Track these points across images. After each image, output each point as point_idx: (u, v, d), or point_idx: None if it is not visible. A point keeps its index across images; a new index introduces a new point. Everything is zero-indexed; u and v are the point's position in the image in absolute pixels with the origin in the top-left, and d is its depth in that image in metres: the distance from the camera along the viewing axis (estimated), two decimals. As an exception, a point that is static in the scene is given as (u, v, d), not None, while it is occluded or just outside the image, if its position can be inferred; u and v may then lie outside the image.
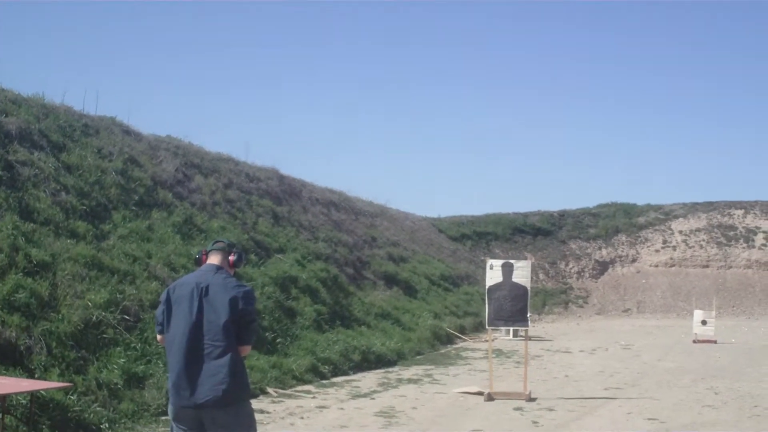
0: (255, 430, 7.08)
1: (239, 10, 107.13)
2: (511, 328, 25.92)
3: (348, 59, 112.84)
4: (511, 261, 18.29)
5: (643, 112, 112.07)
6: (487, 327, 18.56)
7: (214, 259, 7.26)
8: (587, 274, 50.41)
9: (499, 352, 26.51)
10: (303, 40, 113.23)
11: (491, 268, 17.86)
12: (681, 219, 53.98)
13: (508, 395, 17.30)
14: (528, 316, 17.95)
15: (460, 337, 30.49)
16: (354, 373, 20.76)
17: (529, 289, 17.75)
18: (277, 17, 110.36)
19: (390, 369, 22.00)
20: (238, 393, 6.85)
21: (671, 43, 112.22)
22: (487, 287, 17.89)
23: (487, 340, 29.37)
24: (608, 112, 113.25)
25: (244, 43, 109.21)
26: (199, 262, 7.37)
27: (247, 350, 7.05)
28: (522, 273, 17.67)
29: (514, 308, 17.56)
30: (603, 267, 50.99)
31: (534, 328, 36.89)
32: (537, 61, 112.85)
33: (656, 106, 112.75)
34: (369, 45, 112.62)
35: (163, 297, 7.25)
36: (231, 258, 7.30)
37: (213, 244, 7.39)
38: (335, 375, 20.14)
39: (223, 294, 6.89)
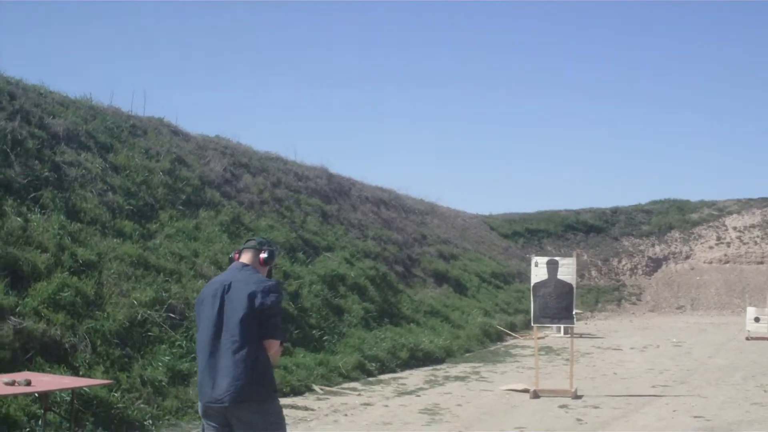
0: (283, 428, 6.97)
1: (287, 9, 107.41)
2: (562, 326, 25.70)
3: (398, 57, 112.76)
4: (557, 258, 18.19)
5: (697, 107, 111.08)
6: (532, 324, 18.47)
7: (245, 258, 7.23)
8: (640, 271, 50.04)
9: (548, 350, 26.41)
10: (350, 37, 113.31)
11: (536, 265, 17.74)
12: (735, 215, 53.39)
13: (554, 393, 17.20)
14: (574, 313, 17.83)
15: (510, 335, 30.40)
16: (401, 371, 20.73)
17: (574, 286, 17.63)
18: (326, 16, 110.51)
19: (438, 366, 21.96)
20: (257, 390, 6.75)
21: (727, 37, 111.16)
22: (532, 284, 17.78)
23: (539, 338, 29.40)
24: (662, 107, 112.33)
25: (292, 42, 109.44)
26: (232, 261, 7.38)
27: (274, 345, 6.88)
28: (567, 270, 17.55)
29: (560, 305, 17.44)
30: (656, 264, 50.59)
31: (586, 325, 36.79)
32: (587, 58, 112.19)
33: (711, 101, 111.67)
34: (420, 42, 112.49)
35: (197, 299, 7.30)
36: (261, 256, 7.26)
37: (245, 242, 7.38)
38: (382, 372, 20.14)
39: (243, 289, 6.83)
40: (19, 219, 15.70)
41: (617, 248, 51.88)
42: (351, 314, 22.93)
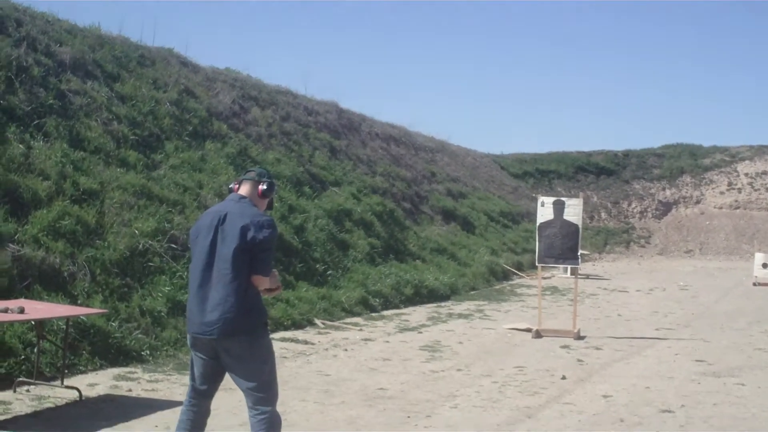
0: (271, 363, 6.91)
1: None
2: (568, 266, 25.59)
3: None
4: (563, 198, 18.06)
5: (712, 53, 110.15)
6: (537, 264, 18.38)
7: (243, 190, 7.09)
8: (650, 215, 49.86)
9: (554, 290, 26.36)
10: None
11: (542, 205, 17.62)
12: (747, 161, 52.95)
13: (556, 333, 17.14)
14: (579, 254, 17.72)
15: (516, 274, 30.35)
16: (405, 307, 20.73)
17: (580, 227, 17.51)
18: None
19: (442, 304, 21.94)
20: (247, 322, 6.67)
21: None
22: (538, 224, 17.68)
23: (545, 278, 29.33)
24: (677, 53, 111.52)
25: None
26: (231, 191, 7.24)
27: (262, 281, 6.76)
28: (573, 211, 17.41)
29: (565, 246, 17.33)
30: (666, 208, 50.38)
31: (594, 267, 36.75)
32: (605, 8, 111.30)
33: (724, 48, 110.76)
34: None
35: (192, 229, 7.20)
36: (260, 187, 7.12)
37: (245, 173, 7.23)
38: (386, 308, 20.13)
39: (237, 222, 6.71)
40: (21, 146, 15.56)
41: (628, 191, 51.65)
42: (356, 249, 22.87)
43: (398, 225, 27.56)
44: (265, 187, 7.10)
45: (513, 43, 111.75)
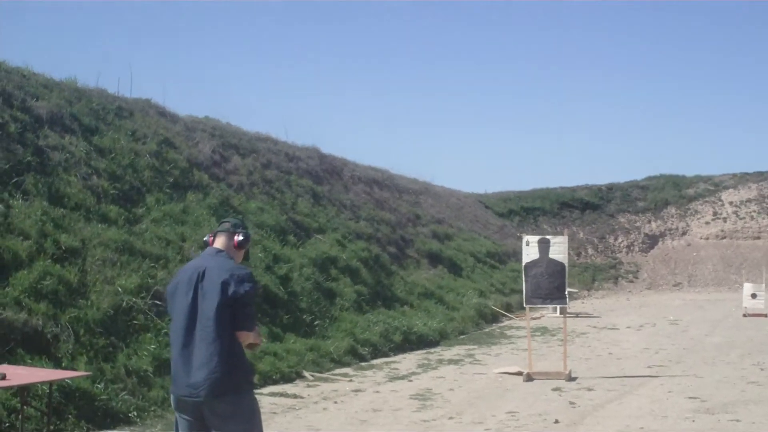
0: (258, 421, 6.75)
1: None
2: (557, 306, 25.47)
3: (387, 33, 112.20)
4: (548, 237, 17.90)
5: (691, 82, 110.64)
6: (524, 305, 18.22)
7: (219, 242, 6.96)
8: (637, 248, 49.78)
9: (544, 330, 26.17)
10: (336, 14, 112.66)
11: (527, 244, 17.48)
12: (731, 190, 52.99)
13: (547, 375, 16.96)
14: (566, 293, 17.57)
15: (506, 316, 30.13)
16: (394, 355, 20.49)
17: (566, 265, 17.38)
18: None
19: (432, 350, 21.69)
20: (234, 381, 6.52)
21: (718, 17, 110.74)
22: (523, 264, 17.53)
23: (534, 318, 29.15)
24: (657, 82, 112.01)
25: (281, 19, 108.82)
26: (206, 245, 7.09)
27: (246, 337, 6.65)
28: (559, 249, 17.28)
29: (552, 285, 17.18)
30: (653, 240, 50.31)
31: (583, 304, 36.59)
32: (583, 34, 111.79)
33: (704, 76, 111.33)
34: (406, 17, 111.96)
35: (169, 286, 7.04)
36: (236, 239, 6.98)
37: (219, 225, 7.08)
38: (375, 357, 19.88)
39: (216, 277, 6.58)
40: (0, 206, 15.37)
41: (613, 225, 51.59)
42: (343, 297, 22.64)
43: (384, 270, 27.35)
44: (240, 238, 7.00)
45: (492, 80, 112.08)
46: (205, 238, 7.18)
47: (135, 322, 14.91)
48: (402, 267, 29.65)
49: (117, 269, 15.97)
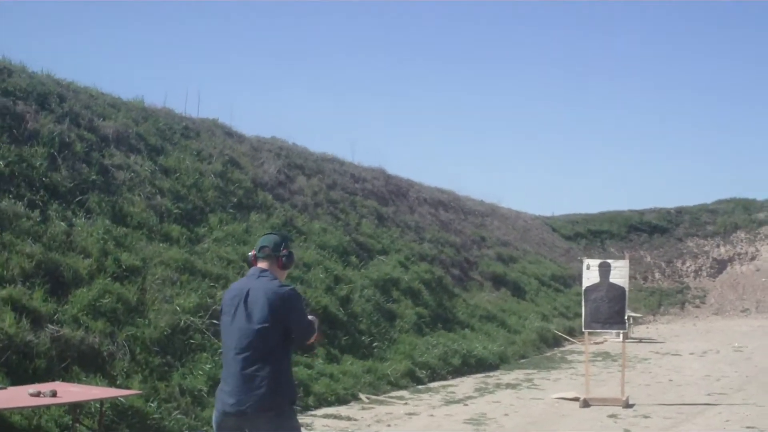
0: None
1: (341, 11, 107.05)
2: (617, 331, 25.28)
3: (456, 59, 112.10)
4: (609, 261, 17.78)
5: (761, 108, 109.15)
6: (583, 330, 18.11)
7: (262, 263, 7.08)
8: (705, 273, 49.14)
9: (605, 355, 25.98)
10: (405, 39, 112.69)
11: (588, 268, 17.36)
12: (802, 215, 52.27)
13: (604, 401, 16.82)
14: (626, 318, 17.42)
15: (568, 340, 29.92)
16: (452, 378, 20.42)
17: (627, 290, 17.20)
18: (378, 17, 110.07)
19: (491, 373, 21.60)
20: (278, 400, 6.71)
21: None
22: (583, 288, 17.43)
23: (596, 342, 28.95)
24: (727, 105, 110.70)
25: (348, 43, 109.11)
26: (250, 264, 7.22)
27: (311, 341, 7.19)
28: (620, 273, 17.13)
29: (612, 310, 17.04)
30: (721, 265, 49.63)
31: (647, 329, 36.21)
32: (657, 55, 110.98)
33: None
34: (479, 42, 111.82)
35: (221, 306, 7.26)
36: (281, 260, 7.12)
37: (259, 250, 7.16)
38: (432, 380, 19.84)
39: (261, 298, 6.78)
40: (62, 224, 15.60)
41: (681, 249, 50.99)
42: (403, 319, 22.64)
43: (447, 293, 27.31)
44: (284, 260, 7.14)
45: (561, 106, 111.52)
46: (249, 254, 7.30)
47: (192, 341, 15.03)
48: (465, 289, 29.58)
49: (176, 288, 16.13)
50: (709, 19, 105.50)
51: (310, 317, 7.16)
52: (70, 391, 10.15)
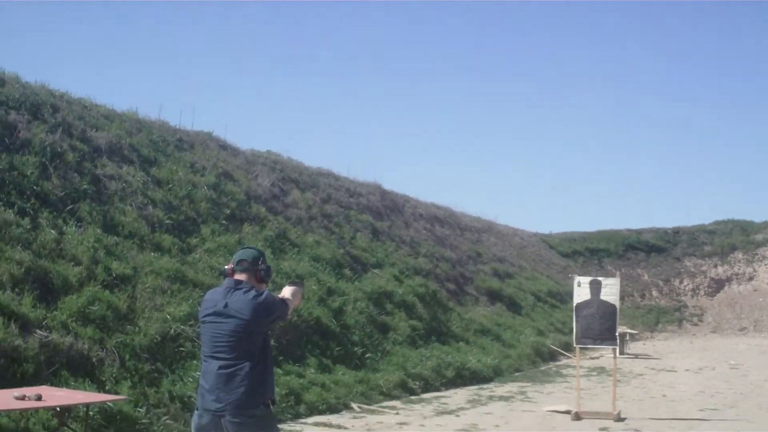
0: None
1: (338, 24, 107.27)
2: (608, 347, 25.26)
3: (453, 72, 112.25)
4: (600, 278, 17.72)
5: (756, 129, 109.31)
6: (574, 345, 18.07)
7: (240, 276, 7.09)
8: (702, 292, 49.16)
9: (601, 370, 25.89)
10: (402, 55, 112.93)
11: (579, 285, 17.33)
12: (800, 235, 52.33)
13: (596, 415, 16.74)
14: (617, 334, 17.39)
15: (564, 354, 29.85)
16: (445, 390, 20.34)
17: (618, 307, 17.15)
18: (375, 30, 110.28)
19: (484, 386, 21.52)
20: (257, 399, 6.75)
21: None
22: (574, 305, 17.40)
23: (592, 358, 28.91)
24: (727, 127, 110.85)
25: (344, 56, 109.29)
26: (226, 275, 7.22)
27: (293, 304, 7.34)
28: (611, 290, 17.10)
29: (603, 326, 17.00)
30: (719, 285, 49.65)
31: (644, 345, 36.18)
32: (657, 70, 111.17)
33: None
34: (472, 56, 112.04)
35: (200, 310, 7.30)
36: (258, 275, 7.13)
37: (237, 263, 7.16)
38: (425, 391, 19.77)
39: (240, 307, 6.82)
40: (53, 232, 15.61)
41: (679, 268, 51.04)
42: (397, 332, 22.59)
43: (441, 306, 27.26)
44: (262, 273, 7.15)
45: (558, 121, 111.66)
46: (226, 267, 7.29)
47: (182, 348, 15.02)
48: (460, 303, 29.53)
49: (167, 297, 16.12)
50: (709, 35, 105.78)
51: (290, 288, 7.35)
52: (56, 395, 10.12)
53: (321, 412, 15.91)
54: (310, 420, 15.02)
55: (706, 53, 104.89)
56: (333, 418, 15.58)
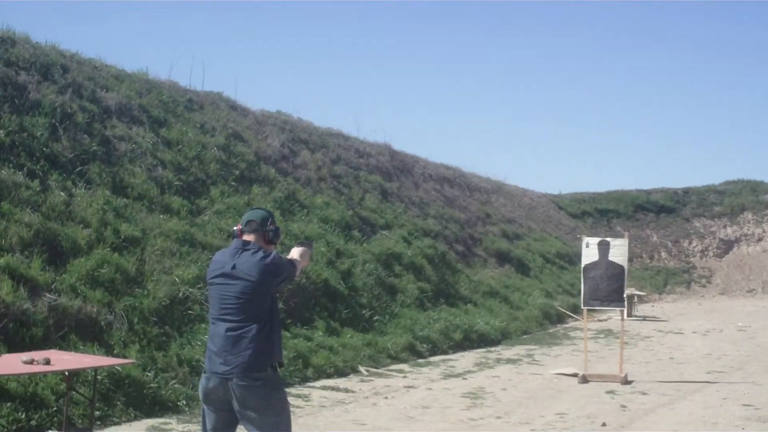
0: (287, 413, 7.00)
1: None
2: (617, 308, 25.27)
3: (461, 31, 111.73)
4: (608, 239, 17.67)
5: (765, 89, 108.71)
6: (582, 307, 18.08)
7: (248, 237, 7.13)
8: (711, 253, 49.01)
9: (608, 332, 25.90)
10: (412, 15, 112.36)
11: (587, 246, 17.27)
12: (810, 195, 52.13)
13: (603, 377, 16.81)
14: (625, 295, 17.38)
15: (571, 316, 29.86)
16: (453, 353, 20.38)
17: (626, 268, 17.09)
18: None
19: (492, 348, 21.57)
20: (263, 362, 6.81)
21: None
22: (582, 266, 17.35)
23: (600, 320, 28.93)
24: (734, 88, 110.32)
25: (358, 19, 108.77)
26: (234, 236, 7.26)
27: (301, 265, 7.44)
28: (619, 251, 17.04)
29: (610, 288, 16.97)
30: (728, 246, 49.50)
31: (653, 307, 36.18)
32: (663, 37, 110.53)
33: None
34: (485, 17, 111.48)
35: (207, 271, 7.33)
36: (266, 236, 7.17)
37: (246, 224, 7.19)
38: (433, 354, 19.82)
39: (248, 268, 6.87)
40: (62, 194, 15.63)
41: (688, 229, 50.87)
42: (405, 294, 22.62)
43: (450, 268, 27.26)
44: (270, 235, 7.21)
45: (568, 82, 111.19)
46: (234, 228, 7.32)
47: (190, 312, 15.07)
48: (468, 265, 29.53)
49: (176, 259, 16.15)
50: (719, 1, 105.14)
51: (298, 249, 7.50)
52: (64, 359, 10.15)
53: (329, 376, 15.98)
54: (318, 384, 15.08)
55: (712, 15, 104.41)
56: (341, 382, 15.64)
